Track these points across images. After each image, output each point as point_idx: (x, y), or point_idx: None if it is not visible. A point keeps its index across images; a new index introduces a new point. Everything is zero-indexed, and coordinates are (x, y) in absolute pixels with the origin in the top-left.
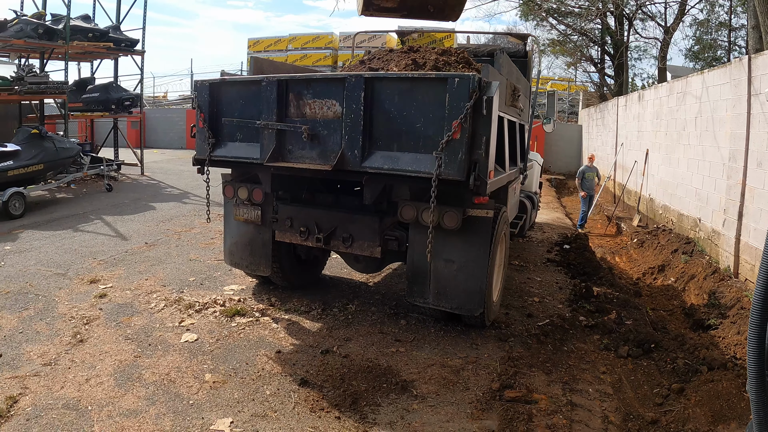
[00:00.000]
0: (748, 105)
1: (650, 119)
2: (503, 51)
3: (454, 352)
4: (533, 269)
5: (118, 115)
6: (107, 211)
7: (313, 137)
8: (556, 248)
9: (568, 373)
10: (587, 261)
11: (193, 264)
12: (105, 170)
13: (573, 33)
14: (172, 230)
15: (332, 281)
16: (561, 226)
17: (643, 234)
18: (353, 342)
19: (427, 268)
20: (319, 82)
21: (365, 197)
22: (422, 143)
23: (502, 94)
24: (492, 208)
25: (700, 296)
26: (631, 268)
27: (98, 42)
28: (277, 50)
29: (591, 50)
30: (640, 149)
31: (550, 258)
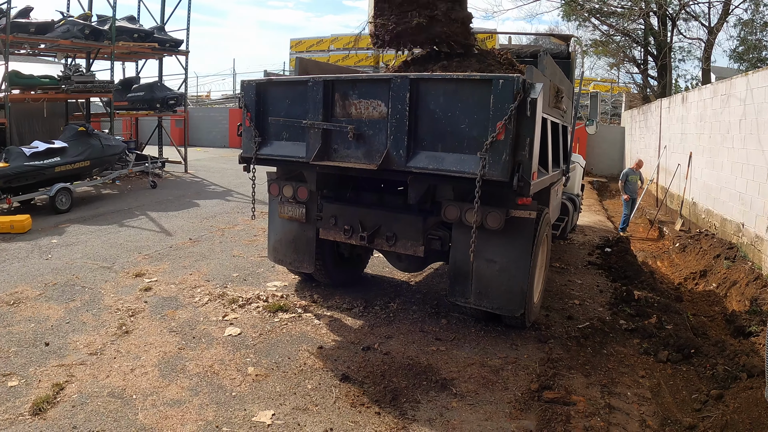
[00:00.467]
0: None
1: (694, 122)
2: (547, 52)
3: (493, 352)
4: (574, 272)
5: (162, 114)
6: (152, 207)
7: (359, 137)
8: (597, 251)
9: (606, 376)
10: (628, 264)
11: (236, 260)
12: (150, 167)
13: (616, 33)
14: (215, 227)
15: (374, 279)
16: (602, 229)
17: (685, 238)
18: (394, 340)
19: (469, 268)
20: (365, 82)
21: (410, 197)
22: (466, 144)
23: (546, 96)
24: (535, 209)
25: (742, 302)
26: (673, 272)
27: (143, 42)
28: (320, 50)
29: (634, 51)
30: (684, 152)
31: (591, 261)
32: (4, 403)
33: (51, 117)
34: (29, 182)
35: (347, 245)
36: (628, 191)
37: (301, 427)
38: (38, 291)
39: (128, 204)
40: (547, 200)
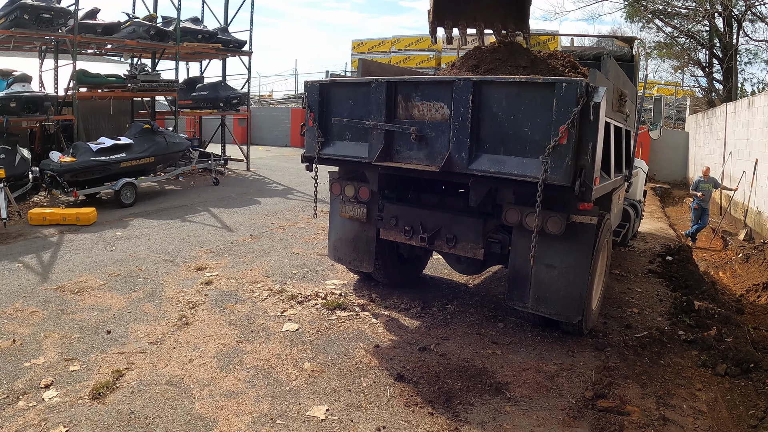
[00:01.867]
0: None
1: (760, 127)
2: (610, 55)
3: (549, 357)
4: (634, 279)
5: (225, 113)
6: (214, 203)
7: (421, 138)
8: (658, 259)
9: (662, 388)
10: (689, 274)
11: (296, 257)
12: (212, 165)
13: (680, 35)
14: (276, 224)
15: (432, 281)
16: (664, 237)
17: (749, 249)
18: (450, 341)
19: (528, 272)
20: (428, 84)
21: (471, 199)
22: (528, 147)
23: (609, 100)
24: (596, 215)
25: None
26: (735, 284)
27: (207, 43)
28: (381, 51)
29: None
30: (749, 159)
31: (651, 269)
32: (66, 386)
33: (117, 114)
34: (95, 177)
35: (406, 246)
36: (698, 200)
37: (354, 423)
38: (102, 281)
39: (191, 200)
40: (608, 206)
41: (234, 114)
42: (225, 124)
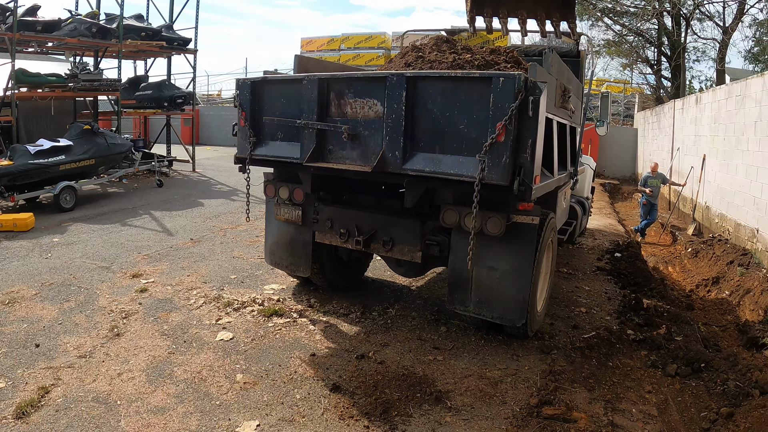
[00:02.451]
0: None
1: (708, 123)
2: (553, 50)
3: (493, 362)
4: (582, 277)
5: (170, 113)
6: (156, 206)
7: (354, 137)
8: (606, 256)
9: (611, 391)
10: (638, 271)
11: (236, 261)
12: (156, 166)
13: (629, 33)
14: (218, 227)
15: (374, 284)
16: (613, 233)
17: (698, 243)
18: (390, 348)
19: (468, 275)
20: (360, 80)
21: (406, 200)
22: (465, 145)
23: (551, 95)
24: (538, 214)
25: (756, 312)
26: (684, 279)
27: (151, 41)
28: (330, 50)
29: (647, 51)
30: (697, 155)
31: (600, 266)
32: None
33: (59, 115)
34: (34, 180)
35: (345, 249)
36: (647, 196)
37: None
38: (34, 291)
39: (133, 203)
40: (553, 204)
41: (179, 113)
42: (170, 124)
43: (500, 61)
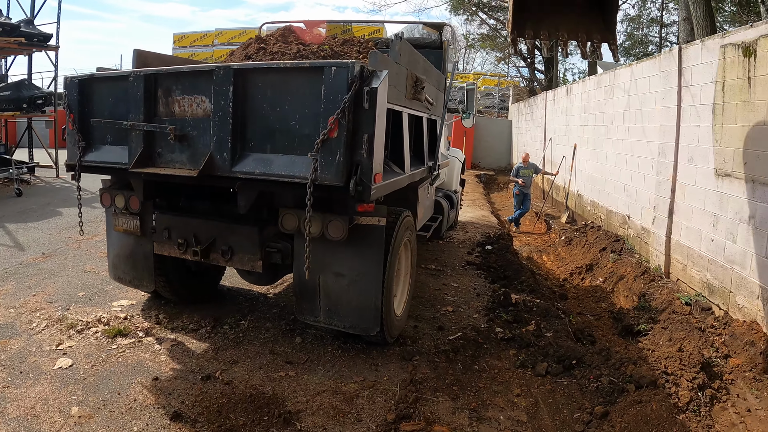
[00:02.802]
0: (679, 97)
1: (578, 113)
2: (401, 37)
3: (350, 375)
4: (451, 273)
5: (31, 115)
6: (12, 218)
7: (182, 138)
8: (477, 249)
9: (477, 398)
10: (509, 263)
11: (86, 276)
12: (14, 174)
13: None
14: (73, 238)
15: (229, 293)
16: (486, 225)
17: (571, 231)
18: (239, 365)
19: (316, 282)
20: (188, 76)
21: (239, 206)
22: (297, 143)
23: (400, 85)
24: (384, 215)
25: (630, 298)
26: (559, 267)
27: (9, 37)
28: (203, 45)
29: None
30: (568, 144)
31: (470, 260)
32: None
33: None
34: None
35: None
36: (519, 186)
37: None
38: None
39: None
40: (414, 200)
41: (39, 115)
42: (32, 127)
43: (352, 53)
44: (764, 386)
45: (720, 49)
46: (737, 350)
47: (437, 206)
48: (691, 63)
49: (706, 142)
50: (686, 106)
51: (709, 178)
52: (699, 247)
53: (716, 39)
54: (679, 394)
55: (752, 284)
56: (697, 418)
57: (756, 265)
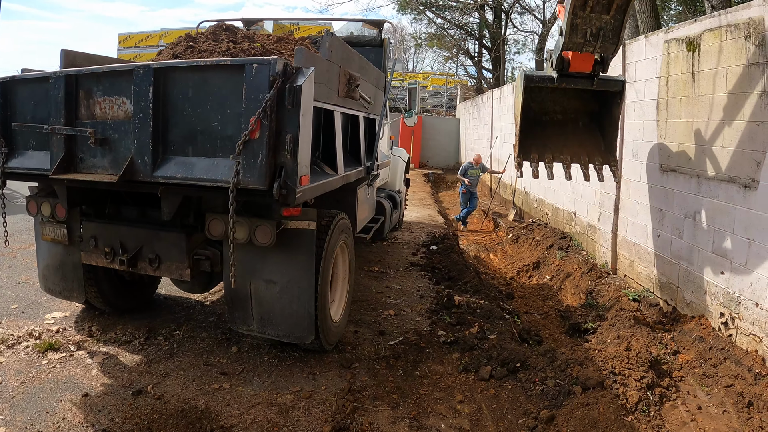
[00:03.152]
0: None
1: None
2: (332, 33)
3: (286, 385)
4: (394, 275)
5: None
6: None
7: (103, 142)
8: (422, 250)
9: (418, 406)
10: (453, 264)
11: (20, 288)
12: None
13: (451, 27)
14: (10, 247)
15: (166, 302)
16: (432, 225)
17: (518, 229)
18: (172, 378)
19: (246, 290)
20: (108, 76)
21: (163, 212)
22: (220, 145)
23: (330, 83)
24: (314, 218)
25: (577, 295)
26: (506, 265)
27: None
28: (149, 46)
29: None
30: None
31: (414, 261)
32: None
33: None
34: None
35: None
36: (466, 185)
37: None
38: None
39: None
40: (352, 202)
41: None
42: None
43: (286, 51)
44: (714, 382)
45: (664, 45)
46: (686, 346)
47: (379, 207)
48: (635, 59)
49: (651, 137)
50: (630, 101)
51: (654, 173)
52: (646, 243)
53: (660, 34)
54: (628, 395)
55: (700, 279)
56: (647, 419)
57: (703, 261)
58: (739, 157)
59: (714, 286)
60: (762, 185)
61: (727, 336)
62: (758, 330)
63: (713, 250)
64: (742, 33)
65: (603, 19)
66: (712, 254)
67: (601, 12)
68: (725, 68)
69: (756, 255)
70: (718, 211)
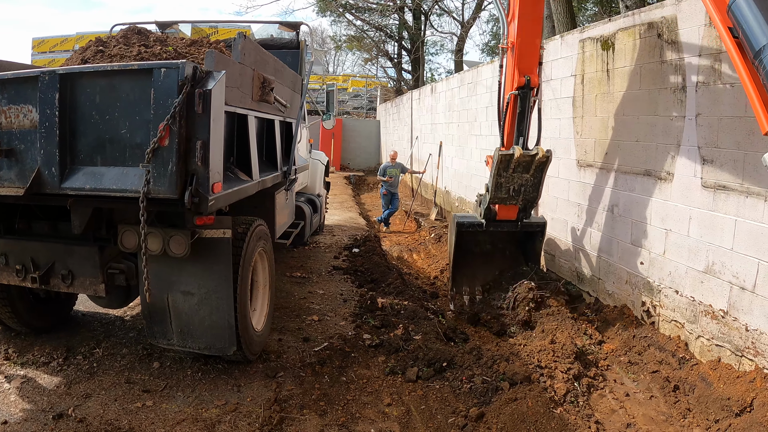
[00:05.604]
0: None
1: (443, 111)
2: (244, 35)
3: (211, 399)
4: (316, 280)
5: None
6: None
7: (9, 153)
8: (344, 253)
9: (346, 412)
10: (376, 266)
11: None
12: None
13: (370, 29)
14: None
15: (84, 318)
16: (354, 227)
17: (441, 228)
18: (93, 399)
19: (164, 303)
20: (12, 83)
21: (73, 225)
22: (129, 154)
23: (244, 87)
24: (229, 226)
25: None
26: (429, 265)
27: None
28: (64, 50)
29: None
30: (435, 142)
31: (336, 265)
32: None
33: None
34: None
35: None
36: (387, 186)
37: None
38: None
39: None
40: (271, 208)
41: None
42: None
43: (199, 54)
44: (640, 369)
45: (579, 44)
46: (610, 336)
47: (299, 211)
48: (551, 58)
49: (568, 134)
50: (547, 99)
51: (571, 169)
52: (566, 237)
53: (575, 33)
54: (555, 387)
55: (620, 270)
56: (576, 409)
57: (622, 252)
58: (654, 151)
59: (634, 276)
60: (677, 177)
61: (650, 324)
62: (679, 316)
63: (632, 241)
64: (656, 31)
65: (524, 178)
66: (631, 245)
67: (522, 172)
68: (639, 66)
69: (674, 244)
70: (635, 203)
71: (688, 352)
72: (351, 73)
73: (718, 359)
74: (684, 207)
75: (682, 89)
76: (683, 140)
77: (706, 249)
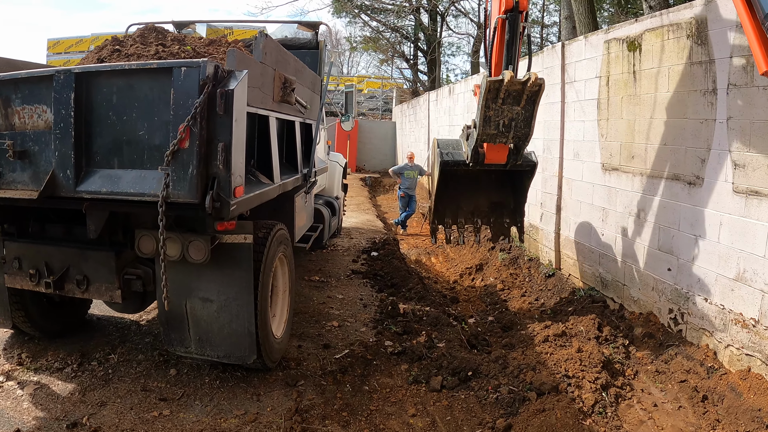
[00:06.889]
0: (562, 93)
1: (461, 113)
2: (265, 34)
3: (229, 408)
4: (335, 284)
5: None
6: None
7: (23, 155)
8: (363, 256)
9: (369, 423)
10: (396, 270)
11: None
12: None
13: (386, 30)
14: None
15: (99, 323)
16: (372, 230)
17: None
18: (108, 407)
19: (183, 310)
20: (27, 82)
21: (89, 229)
22: (147, 156)
23: (265, 87)
24: (250, 231)
25: (522, 297)
26: (448, 269)
27: None
28: (79, 51)
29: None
30: None
31: (355, 269)
32: None
33: None
34: None
35: None
36: (404, 188)
37: None
38: None
39: None
40: (291, 212)
41: None
42: None
43: (217, 54)
44: (668, 378)
45: (604, 45)
46: (636, 344)
47: (317, 214)
48: (574, 59)
49: (592, 137)
50: (570, 101)
51: (596, 173)
52: (589, 241)
53: (600, 34)
54: (583, 397)
55: (646, 276)
56: (604, 420)
57: (649, 258)
58: (682, 154)
59: (661, 282)
60: (707, 182)
61: (677, 331)
62: (708, 324)
63: (659, 247)
64: (685, 32)
65: (514, 111)
66: (658, 251)
67: (512, 104)
68: (667, 67)
69: (703, 251)
70: (663, 208)
71: (717, 361)
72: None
73: (748, 369)
74: (714, 212)
75: (712, 91)
76: (713, 144)
77: (737, 256)
